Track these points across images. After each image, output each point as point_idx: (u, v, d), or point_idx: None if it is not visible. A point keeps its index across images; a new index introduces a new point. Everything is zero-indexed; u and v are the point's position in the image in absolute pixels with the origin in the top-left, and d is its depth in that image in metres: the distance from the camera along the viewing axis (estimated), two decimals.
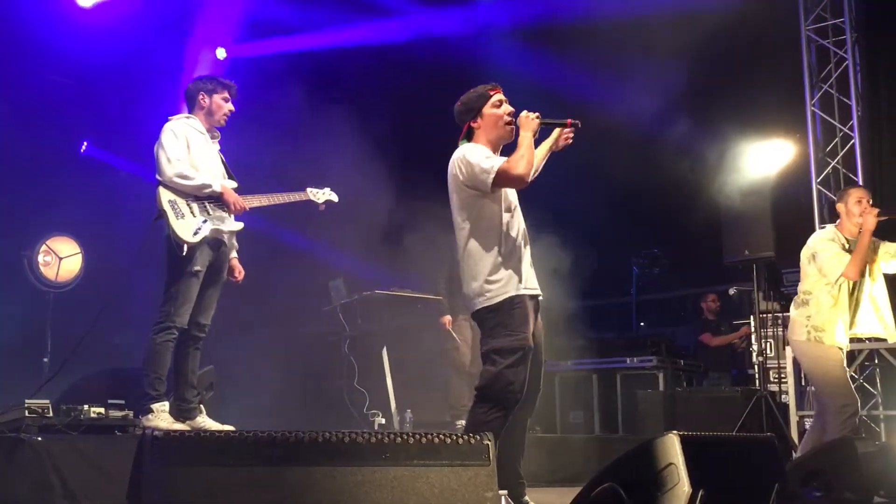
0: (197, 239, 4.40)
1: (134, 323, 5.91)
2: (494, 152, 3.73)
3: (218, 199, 4.53)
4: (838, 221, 5.15)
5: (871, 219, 4.92)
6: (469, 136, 3.77)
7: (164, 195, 4.42)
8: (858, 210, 5.01)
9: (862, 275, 4.93)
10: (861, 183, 6.99)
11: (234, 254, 4.79)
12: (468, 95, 3.77)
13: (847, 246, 5.02)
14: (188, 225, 4.40)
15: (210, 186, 4.49)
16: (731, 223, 7.01)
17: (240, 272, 4.84)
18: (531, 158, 3.57)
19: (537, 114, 3.66)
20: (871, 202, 5.07)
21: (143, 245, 4.71)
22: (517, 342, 3.50)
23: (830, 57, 7.36)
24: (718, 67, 8.25)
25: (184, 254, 4.35)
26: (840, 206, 5.14)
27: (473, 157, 3.59)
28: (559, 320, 9.35)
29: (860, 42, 7.18)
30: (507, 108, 3.73)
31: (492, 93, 3.73)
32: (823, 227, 5.24)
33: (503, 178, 3.54)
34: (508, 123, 3.70)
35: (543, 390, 3.79)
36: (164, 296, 4.42)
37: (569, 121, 3.76)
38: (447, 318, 6.90)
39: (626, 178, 9.24)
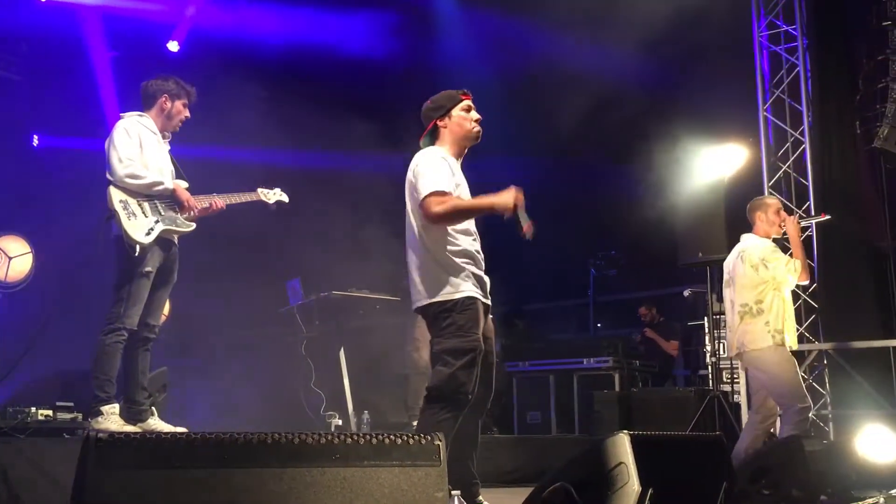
0: (149, 240, 4.36)
1: (84, 324, 5.80)
2: (458, 154, 3.79)
3: (169, 198, 4.49)
4: (756, 228, 5.34)
5: (794, 225, 5.28)
6: (433, 134, 3.81)
7: (116, 195, 4.36)
8: (779, 219, 5.31)
9: None
10: (811, 187, 7.15)
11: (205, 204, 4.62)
12: (439, 95, 3.84)
13: None
14: (140, 225, 4.35)
15: (162, 184, 4.45)
16: (685, 226, 7.12)
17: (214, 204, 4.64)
18: (462, 214, 3.54)
19: (520, 200, 3.50)
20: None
21: (95, 245, 4.63)
22: (469, 343, 3.50)
23: (782, 63, 7.50)
24: (673, 72, 8.38)
25: (136, 254, 4.29)
26: (760, 215, 5.37)
27: (424, 170, 3.61)
28: (517, 322, 9.44)
29: (811, 49, 7.32)
30: (474, 114, 3.82)
31: (462, 97, 3.82)
32: (749, 237, 5.35)
33: (422, 206, 3.55)
34: (474, 129, 3.77)
35: (501, 391, 3.81)
36: (113, 296, 4.35)
37: (525, 227, 3.53)
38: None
39: (584, 181, 9.35)
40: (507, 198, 3.51)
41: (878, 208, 7.02)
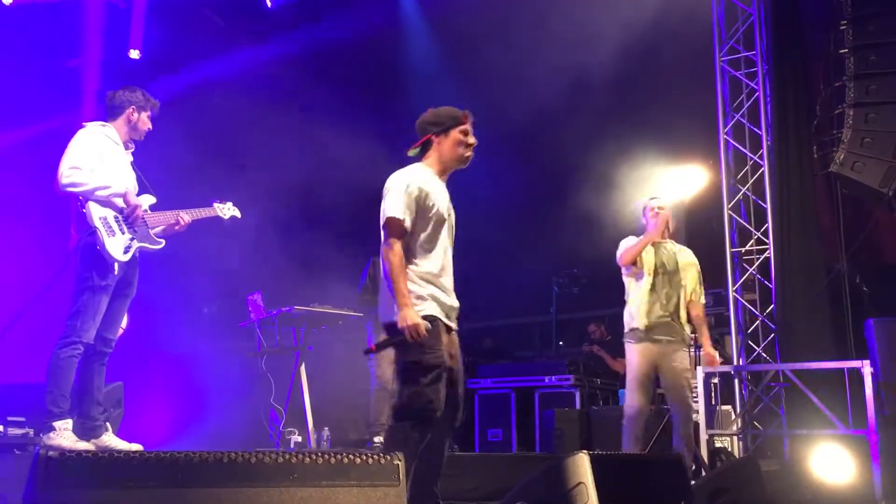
0: (127, 257, 4.35)
1: (38, 336, 5.68)
2: (442, 174, 3.75)
3: (123, 208, 4.39)
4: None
5: (660, 219, 5.62)
6: (425, 148, 3.75)
7: (96, 211, 4.29)
8: (654, 218, 5.63)
9: (633, 263, 5.53)
10: (769, 209, 7.27)
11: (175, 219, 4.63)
12: (442, 110, 3.76)
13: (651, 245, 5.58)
14: (118, 243, 4.32)
15: (109, 187, 4.35)
16: None
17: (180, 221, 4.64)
18: (392, 275, 3.50)
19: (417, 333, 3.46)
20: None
21: (52, 255, 4.56)
22: (435, 360, 3.49)
23: (742, 88, 7.64)
24: (637, 94, 8.48)
25: (115, 273, 4.24)
26: (640, 218, 5.75)
27: (390, 190, 3.60)
28: (479, 338, 9.44)
29: (770, 74, 7.46)
30: (471, 138, 3.76)
31: (464, 119, 3.75)
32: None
33: (383, 227, 3.57)
34: (465, 154, 3.73)
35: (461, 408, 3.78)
36: (70, 309, 4.26)
37: (372, 346, 3.83)
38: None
39: (546, 199, 9.40)
40: (413, 323, 3.43)
41: (833, 231, 7.16)
